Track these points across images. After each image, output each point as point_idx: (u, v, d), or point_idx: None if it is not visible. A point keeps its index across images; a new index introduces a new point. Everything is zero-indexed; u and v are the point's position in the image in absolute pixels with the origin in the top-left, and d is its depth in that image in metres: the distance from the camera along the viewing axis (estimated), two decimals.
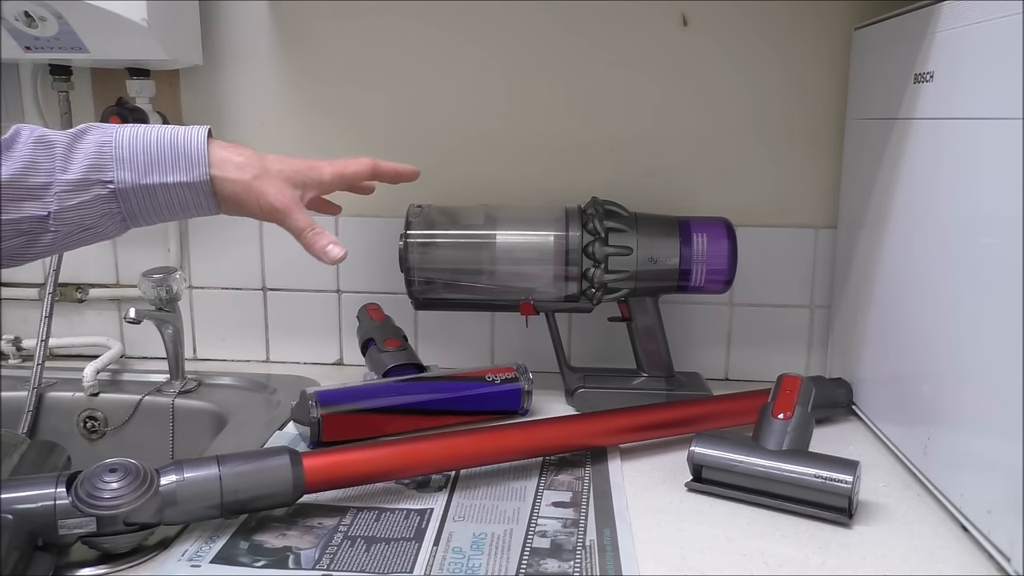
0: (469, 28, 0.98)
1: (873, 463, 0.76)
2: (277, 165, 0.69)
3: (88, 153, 0.63)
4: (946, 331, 0.67)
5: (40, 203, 0.62)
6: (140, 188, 0.64)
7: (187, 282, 1.04)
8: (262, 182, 0.67)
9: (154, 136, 0.65)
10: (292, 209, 0.68)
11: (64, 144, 0.63)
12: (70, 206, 0.63)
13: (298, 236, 0.69)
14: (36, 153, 0.62)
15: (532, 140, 1.00)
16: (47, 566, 0.56)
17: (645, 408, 0.80)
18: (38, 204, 0.62)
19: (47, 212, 0.63)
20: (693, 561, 0.61)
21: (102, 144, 0.63)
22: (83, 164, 0.63)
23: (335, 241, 0.69)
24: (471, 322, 1.03)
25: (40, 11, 0.84)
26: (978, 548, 0.62)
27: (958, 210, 0.65)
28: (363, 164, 0.74)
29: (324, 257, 0.68)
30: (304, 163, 0.71)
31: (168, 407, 0.98)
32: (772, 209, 0.98)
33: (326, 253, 0.68)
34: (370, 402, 0.82)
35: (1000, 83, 0.58)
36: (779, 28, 0.95)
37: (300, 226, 0.68)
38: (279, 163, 0.69)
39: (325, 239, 0.68)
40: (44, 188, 0.62)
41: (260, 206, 0.67)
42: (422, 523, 0.66)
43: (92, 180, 0.63)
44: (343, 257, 0.68)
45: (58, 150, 0.63)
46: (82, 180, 0.63)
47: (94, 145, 0.63)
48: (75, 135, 0.64)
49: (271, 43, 1.01)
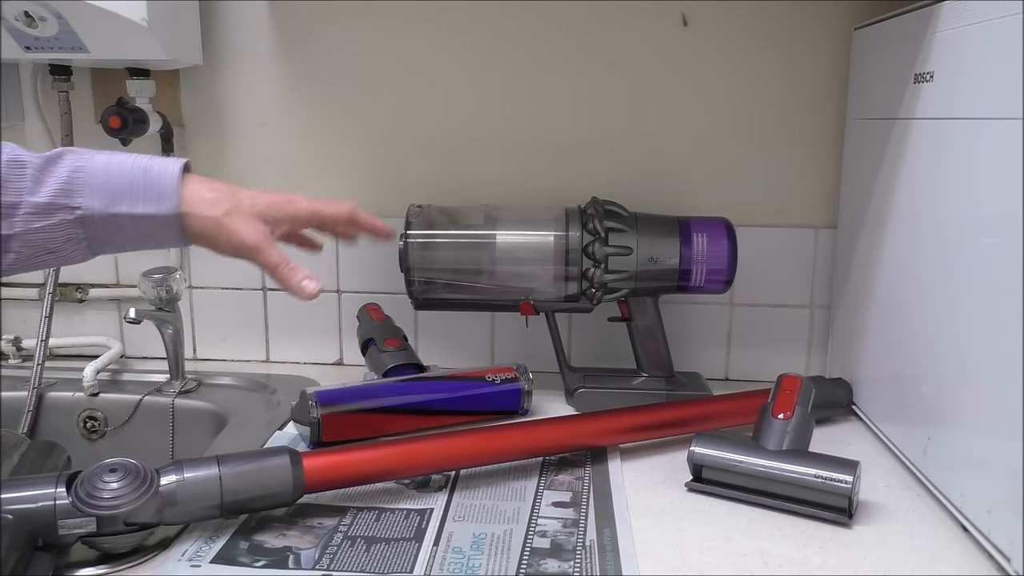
0: (469, 28, 0.98)
1: (873, 463, 0.76)
2: (250, 200, 0.67)
3: (60, 178, 0.62)
4: (946, 331, 0.67)
5: (7, 222, 0.61)
6: (107, 217, 0.63)
7: (187, 282, 1.04)
8: (233, 219, 0.65)
9: (128, 165, 0.64)
10: (263, 245, 0.66)
11: (36, 166, 0.62)
12: (35, 228, 0.62)
13: (272, 272, 0.67)
14: (8, 172, 0.62)
15: (532, 140, 1.00)
16: (47, 566, 0.56)
17: (645, 408, 0.80)
18: (4, 223, 0.61)
19: (12, 232, 0.62)
20: (693, 561, 0.61)
21: (75, 170, 0.63)
22: (53, 188, 0.62)
23: (310, 275, 0.68)
24: (471, 322, 1.03)
25: (40, 11, 0.84)
26: (978, 548, 0.62)
27: (958, 210, 0.65)
28: (343, 208, 0.72)
29: (300, 293, 0.67)
30: (281, 196, 0.69)
31: (168, 407, 0.98)
32: (772, 209, 0.98)
33: (302, 288, 0.67)
34: (370, 402, 0.82)
35: (1000, 83, 0.58)
36: (779, 28, 0.95)
37: (273, 262, 0.66)
38: (252, 198, 0.68)
39: (300, 274, 0.67)
40: (12, 208, 0.61)
41: (231, 243, 0.66)
42: (422, 523, 0.66)
43: (60, 204, 0.62)
44: (318, 291, 0.67)
45: (29, 171, 0.62)
46: (50, 204, 0.62)
47: (67, 170, 0.62)
48: (49, 159, 0.63)
49: (271, 43, 1.01)
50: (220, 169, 1.04)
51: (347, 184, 1.03)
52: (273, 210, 0.68)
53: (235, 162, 1.04)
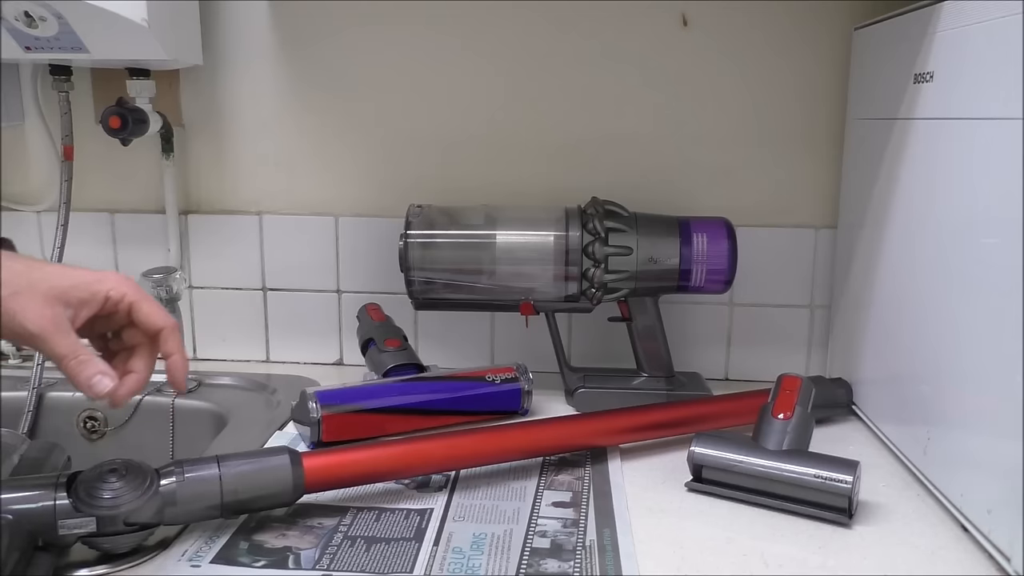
0: (470, 27, 0.98)
1: (873, 463, 0.76)
2: (52, 281, 0.58)
3: None
4: (946, 331, 0.67)
5: None
6: None
7: (187, 282, 1.04)
8: (18, 300, 0.56)
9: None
10: (50, 332, 0.56)
11: None
12: None
13: (59, 365, 0.57)
14: None
15: (532, 140, 1.00)
16: (47, 566, 0.56)
17: (645, 408, 0.80)
18: None
19: None
20: (693, 561, 0.61)
21: None
22: None
23: (105, 371, 0.59)
24: (471, 322, 1.03)
25: (40, 11, 0.84)
26: (978, 548, 0.62)
27: (958, 210, 0.65)
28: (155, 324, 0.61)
29: (90, 391, 0.58)
30: (96, 275, 0.60)
31: (168, 407, 0.98)
32: (772, 209, 0.98)
33: (91, 386, 0.58)
34: (370, 402, 0.82)
35: (1000, 83, 0.58)
36: (779, 28, 0.95)
37: (61, 352, 0.57)
38: (59, 278, 0.58)
39: (91, 368, 0.58)
40: None
41: (12, 329, 0.56)
42: (422, 523, 0.66)
43: None
44: (113, 391, 0.58)
45: None
46: None
47: None
48: None
49: (271, 43, 1.01)
50: (220, 169, 1.04)
51: (347, 184, 1.03)
52: (78, 291, 0.58)
53: (235, 162, 1.04)
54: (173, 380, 0.63)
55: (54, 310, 0.57)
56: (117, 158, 1.03)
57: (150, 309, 0.61)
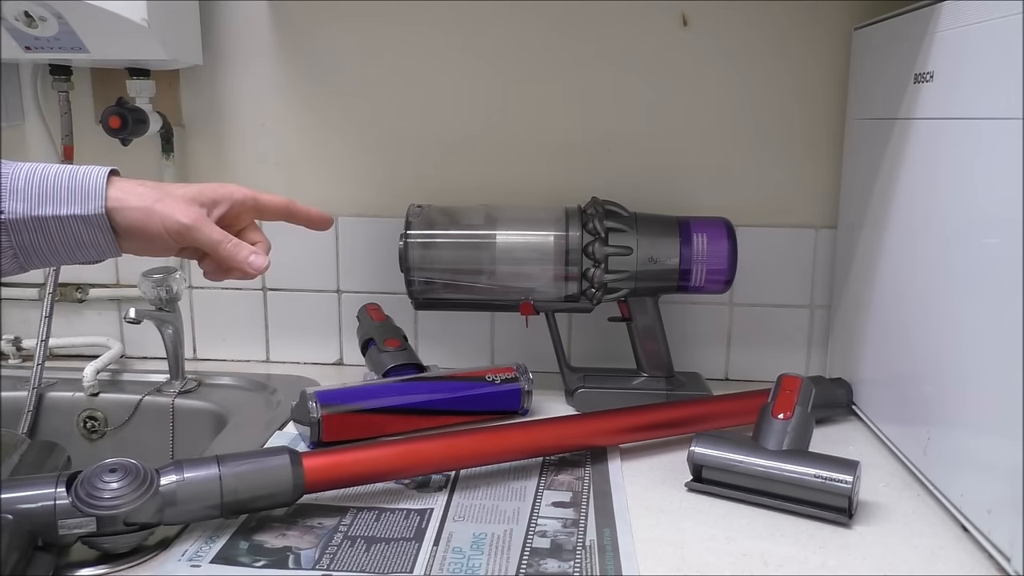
0: (470, 27, 0.98)
1: (873, 463, 0.76)
2: (181, 190, 0.66)
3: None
4: (946, 331, 0.67)
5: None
6: (32, 220, 0.61)
7: (187, 282, 1.04)
8: (165, 204, 0.63)
9: (53, 172, 0.62)
10: (200, 223, 0.64)
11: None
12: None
13: (214, 250, 0.65)
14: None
15: (532, 140, 1.00)
16: (47, 566, 0.56)
17: (645, 408, 0.80)
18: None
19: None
20: (693, 561, 0.61)
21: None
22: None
23: (256, 251, 0.67)
24: (471, 322, 1.03)
25: (40, 11, 0.84)
26: (978, 548, 0.62)
27: (958, 210, 0.65)
28: (279, 201, 0.71)
29: (248, 268, 0.66)
30: (213, 183, 0.69)
31: (168, 407, 0.98)
32: (772, 209, 0.98)
33: (249, 264, 0.66)
34: (370, 402, 0.82)
35: (1000, 83, 0.58)
36: (779, 28, 0.95)
37: (215, 238, 0.65)
38: (183, 188, 0.67)
39: (246, 250, 0.66)
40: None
41: (166, 227, 0.63)
42: (422, 523, 0.66)
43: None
44: (266, 267, 0.66)
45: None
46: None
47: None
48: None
49: (271, 43, 1.01)
50: (220, 169, 1.04)
51: (347, 184, 1.03)
52: (207, 194, 0.67)
53: (235, 162, 1.04)
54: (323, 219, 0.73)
55: (198, 208, 0.65)
56: (117, 158, 1.02)
57: (268, 195, 0.71)
